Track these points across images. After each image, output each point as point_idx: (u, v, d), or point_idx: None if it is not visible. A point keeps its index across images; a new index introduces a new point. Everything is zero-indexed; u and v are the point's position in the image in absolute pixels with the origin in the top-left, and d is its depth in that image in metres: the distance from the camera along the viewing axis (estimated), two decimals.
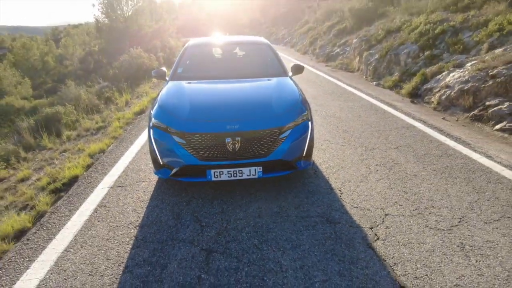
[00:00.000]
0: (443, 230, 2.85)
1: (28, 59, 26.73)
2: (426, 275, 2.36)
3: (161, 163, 3.30)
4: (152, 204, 3.36)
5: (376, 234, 2.81)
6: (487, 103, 5.98)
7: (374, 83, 9.95)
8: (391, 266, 2.45)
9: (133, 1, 20.99)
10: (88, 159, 4.80)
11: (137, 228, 2.99)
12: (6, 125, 9.24)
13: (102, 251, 2.70)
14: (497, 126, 5.48)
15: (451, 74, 7.17)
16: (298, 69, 4.56)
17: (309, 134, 3.40)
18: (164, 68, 4.51)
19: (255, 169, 3.19)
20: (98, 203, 3.43)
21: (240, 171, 3.18)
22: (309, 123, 3.46)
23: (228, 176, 3.19)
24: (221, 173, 3.17)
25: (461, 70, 7.09)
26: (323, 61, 15.24)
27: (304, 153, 3.40)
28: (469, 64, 7.13)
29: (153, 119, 3.39)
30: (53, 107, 8.36)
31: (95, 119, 8.04)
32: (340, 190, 3.53)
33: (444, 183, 3.64)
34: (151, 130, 3.36)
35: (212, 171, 3.16)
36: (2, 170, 5.56)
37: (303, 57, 18.32)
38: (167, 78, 4.38)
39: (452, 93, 6.69)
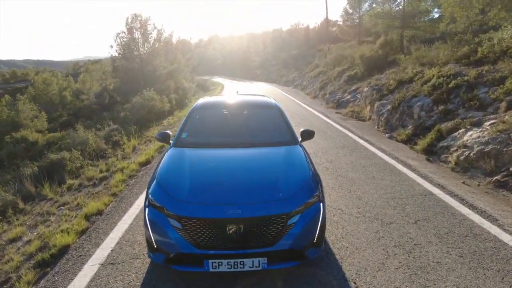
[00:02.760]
0: None
1: (47, 94, 27.62)
2: None
3: (155, 246, 2.99)
4: None
5: None
6: None
7: (386, 135, 9.68)
8: None
9: (150, 43, 21.74)
10: (84, 222, 4.52)
11: None
12: (11, 169, 9.15)
13: None
14: None
15: (469, 133, 6.86)
16: (308, 135, 4.33)
17: (320, 218, 3.08)
18: (169, 132, 4.34)
19: (258, 261, 2.84)
20: None
21: (242, 263, 2.83)
22: (321, 205, 3.14)
23: (228, 268, 2.84)
24: (220, 263, 2.82)
25: (479, 130, 6.78)
26: (333, 107, 15.16)
27: (315, 239, 3.05)
28: (487, 123, 6.83)
29: (149, 196, 3.13)
30: (58, 153, 8.26)
31: (100, 166, 7.87)
32: (355, 283, 3.13)
33: (474, 276, 3.20)
34: (146, 209, 3.09)
35: (210, 261, 2.82)
36: None
37: (313, 101, 18.34)
38: (171, 142, 4.18)
39: (471, 154, 6.34)
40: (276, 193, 3.01)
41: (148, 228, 3.02)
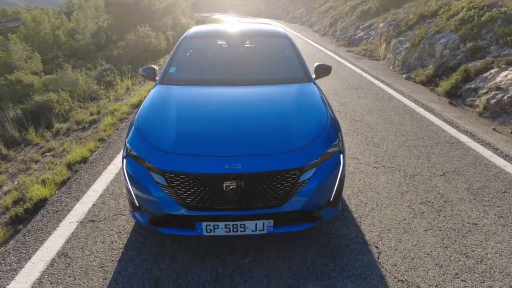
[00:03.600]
0: None
1: (39, 33, 25.97)
2: None
3: (137, 205, 2.45)
4: (126, 257, 2.54)
5: None
6: None
7: (403, 75, 8.79)
8: None
9: None
10: (66, 171, 4.00)
11: None
12: None
13: None
14: None
15: (504, 74, 6.01)
16: (324, 71, 3.57)
17: (340, 173, 2.48)
18: (154, 66, 3.59)
19: (263, 223, 2.31)
20: (58, 251, 2.63)
21: (242, 225, 2.30)
22: (341, 156, 2.53)
23: (226, 232, 2.32)
24: (216, 227, 2.30)
25: None
26: (345, 45, 13.95)
27: (332, 197, 2.49)
28: None
29: (127, 145, 2.52)
30: (45, 94, 7.56)
31: (90, 108, 7.24)
32: (377, 247, 2.63)
33: None
34: (124, 160, 2.50)
35: (204, 224, 2.29)
36: None
37: (322, 39, 16.96)
38: (157, 79, 3.47)
39: (505, 97, 5.57)
40: (285, 143, 2.38)
41: (127, 184, 2.46)
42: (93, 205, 3.22)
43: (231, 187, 2.20)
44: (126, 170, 2.45)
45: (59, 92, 7.70)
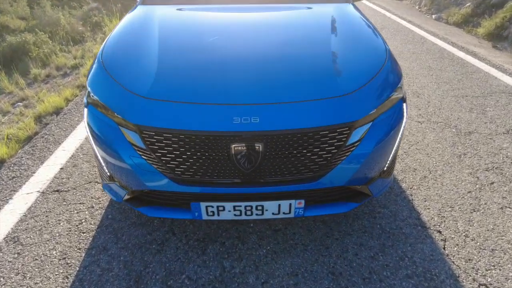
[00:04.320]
0: None
1: None
2: None
3: (108, 173, 1.71)
4: (98, 244, 1.86)
5: None
6: None
7: (433, 16, 7.63)
8: None
9: None
10: (33, 124, 3.24)
11: None
12: None
13: None
14: None
15: None
16: None
17: (402, 129, 1.69)
18: None
19: (289, 204, 1.57)
20: (7, 234, 1.94)
21: (260, 207, 1.57)
22: (404, 106, 1.73)
23: (235, 215, 1.60)
24: (221, 208, 1.57)
25: None
26: None
27: (386, 165, 1.73)
28: None
29: (88, 87, 1.71)
30: (19, 35, 6.56)
31: (74, 52, 6.31)
32: (439, 231, 1.93)
33: None
34: (86, 110, 1.70)
35: (203, 205, 1.56)
36: None
37: None
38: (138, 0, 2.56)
39: None
40: (327, 85, 1.56)
41: (92, 144, 1.69)
42: (61, 169, 2.49)
43: (243, 153, 1.43)
44: (88, 124, 1.67)
45: (36, 33, 6.68)
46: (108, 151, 1.59)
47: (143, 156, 1.49)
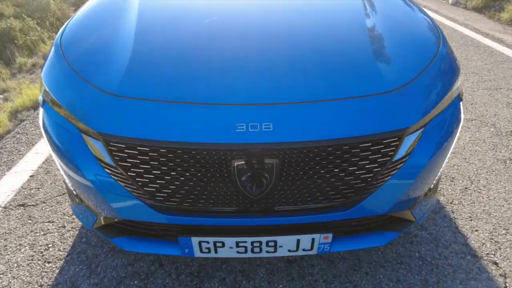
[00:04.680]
0: None
1: None
2: None
3: (75, 192, 1.31)
4: (64, 280, 1.47)
5: None
6: None
7: (450, 0, 7.11)
8: None
9: None
10: (7, 121, 2.84)
11: None
12: None
13: None
14: None
15: None
16: None
17: (457, 136, 1.28)
18: None
19: (312, 239, 1.17)
20: None
21: (272, 243, 1.17)
22: (461, 105, 1.31)
23: (239, 252, 1.20)
24: (220, 244, 1.17)
25: None
26: None
27: (434, 182, 1.32)
28: None
29: (44, 84, 1.29)
30: (4, 21, 6.11)
31: None
32: (496, 263, 1.53)
33: None
34: (41, 110, 1.29)
35: (196, 239, 1.16)
36: None
37: None
38: None
39: None
40: (369, 78, 1.14)
41: (52, 152, 1.29)
42: (31, 176, 2.09)
43: (249, 173, 1.02)
44: (44, 129, 1.26)
45: (24, 19, 6.23)
46: (70, 166, 1.18)
47: (112, 176, 1.09)
